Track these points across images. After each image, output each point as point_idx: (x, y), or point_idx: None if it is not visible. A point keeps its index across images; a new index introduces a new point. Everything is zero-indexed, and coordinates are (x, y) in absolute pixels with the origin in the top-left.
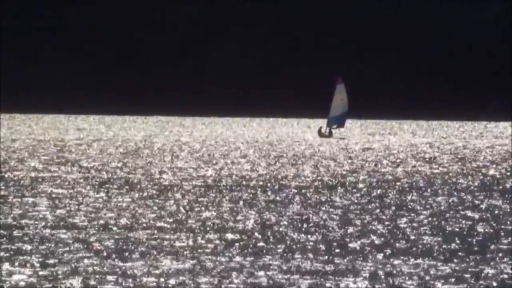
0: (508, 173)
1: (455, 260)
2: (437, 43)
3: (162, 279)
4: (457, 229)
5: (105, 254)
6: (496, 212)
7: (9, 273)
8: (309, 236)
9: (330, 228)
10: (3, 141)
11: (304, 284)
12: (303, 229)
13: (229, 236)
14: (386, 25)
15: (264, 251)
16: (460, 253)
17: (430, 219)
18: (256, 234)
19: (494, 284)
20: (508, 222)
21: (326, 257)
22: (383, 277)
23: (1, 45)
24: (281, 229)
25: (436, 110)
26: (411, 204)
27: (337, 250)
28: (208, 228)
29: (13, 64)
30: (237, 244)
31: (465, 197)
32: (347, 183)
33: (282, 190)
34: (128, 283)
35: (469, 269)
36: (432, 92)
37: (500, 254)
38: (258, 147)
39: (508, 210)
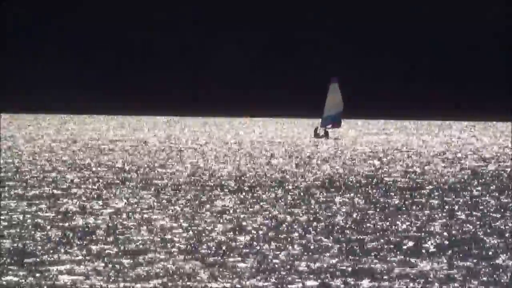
0: (508, 173)
1: (457, 260)
2: (437, 43)
3: (163, 280)
4: (457, 230)
5: (106, 254)
6: (497, 211)
7: (10, 273)
8: (310, 236)
9: (327, 228)
10: (4, 141)
11: (308, 284)
12: (303, 229)
13: (229, 236)
14: (386, 25)
15: (267, 251)
16: (464, 253)
17: (430, 219)
18: (256, 233)
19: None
20: (509, 222)
21: (328, 257)
22: (384, 277)
23: (1, 45)
24: (282, 228)
25: (436, 110)
26: (411, 204)
27: (338, 250)
28: (208, 228)
29: (13, 64)
30: (237, 243)
31: (464, 197)
32: (344, 183)
33: (282, 189)
34: (130, 283)
35: (470, 270)
36: (432, 92)
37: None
38: (257, 147)
39: (509, 210)
